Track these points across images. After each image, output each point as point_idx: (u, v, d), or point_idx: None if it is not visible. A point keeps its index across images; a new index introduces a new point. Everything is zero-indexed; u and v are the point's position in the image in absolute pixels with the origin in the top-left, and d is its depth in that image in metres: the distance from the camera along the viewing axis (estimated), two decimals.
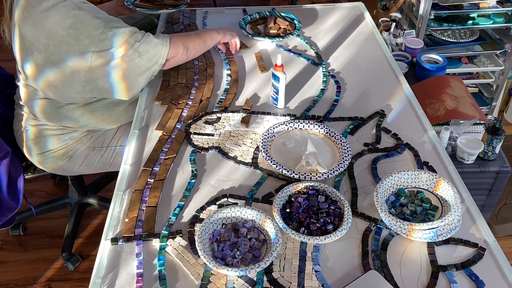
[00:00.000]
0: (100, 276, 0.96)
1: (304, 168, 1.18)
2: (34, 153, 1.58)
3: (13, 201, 1.55)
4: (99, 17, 1.35)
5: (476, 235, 1.03)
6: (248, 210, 1.04)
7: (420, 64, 1.96)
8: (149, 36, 1.41)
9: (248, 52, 1.71)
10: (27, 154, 1.59)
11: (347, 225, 1.01)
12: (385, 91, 1.49)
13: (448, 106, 1.72)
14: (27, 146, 1.57)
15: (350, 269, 0.97)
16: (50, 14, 1.32)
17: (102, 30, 1.33)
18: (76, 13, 1.32)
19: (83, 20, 1.32)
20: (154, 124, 1.36)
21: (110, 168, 1.68)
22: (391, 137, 1.31)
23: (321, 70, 1.60)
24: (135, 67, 1.39)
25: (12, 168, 1.53)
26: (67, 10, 1.32)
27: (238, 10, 1.99)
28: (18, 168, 1.58)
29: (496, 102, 2.54)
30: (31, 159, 1.60)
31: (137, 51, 1.37)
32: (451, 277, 0.94)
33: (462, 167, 1.67)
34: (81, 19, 1.32)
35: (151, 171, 1.20)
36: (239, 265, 0.96)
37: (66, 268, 1.91)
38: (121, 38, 1.35)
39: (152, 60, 1.41)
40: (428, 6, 2.20)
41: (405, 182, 1.11)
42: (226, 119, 1.37)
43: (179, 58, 1.50)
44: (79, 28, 1.32)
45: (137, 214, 1.08)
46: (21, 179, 1.58)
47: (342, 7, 2.01)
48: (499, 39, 2.42)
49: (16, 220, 2.01)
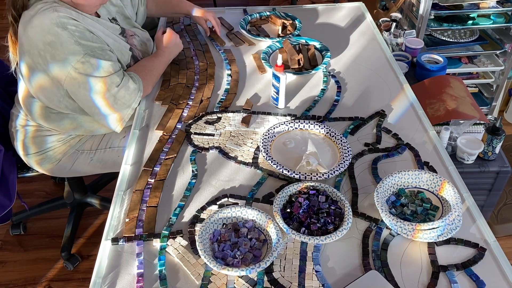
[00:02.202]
0: (101, 276, 0.96)
1: (304, 168, 1.18)
2: (29, 153, 1.57)
3: (6, 198, 1.55)
4: (81, 43, 1.28)
5: (477, 235, 1.03)
6: (248, 210, 1.04)
7: (420, 64, 1.96)
8: (128, 81, 1.37)
9: (248, 51, 1.71)
10: (21, 153, 1.58)
11: (348, 225, 1.01)
12: (385, 91, 1.49)
13: (448, 106, 1.72)
14: (23, 146, 1.56)
15: (350, 269, 0.97)
16: (33, 22, 1.27)
17: (80, 58, 1.28)
18: (59, 32, 1.26)
19: (62, 42, 1.26)
20: (154, 124, 1.36)
21: (104, 169, 1.65)
22: (392, 137, 1.31)
23: (322, 70, 1.60)
24: (109, 106, 1.37)
25: (5, 166, 1.54)
26: (50, 24, 1.25)
27: (238, 10, 1.99)
28: (11, 166, 1.58)
29: (496, 102, 2.55)
30: (25, 158, 1.59)
31: (114, 96, 1.34)
32: (451, 277, 0.94)
33: (462, 167, 1.67)
34: (61, 40, 1.26)
35: (152, 171, 1.20)
36: (239, 265, 0.96)
37: (66, 268, 1.90)
38: (101, 72, 1.31)
39: (125, 104, 1.38)
40: (428, 6, 2.20)
41: (405, 182, 1.11)
42: (227, 119, 1.37)
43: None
44: (57, 48, 1.27)
45: (137, 214, 1.08)
46: (14, 177, 1.58)
47: (343, 7, 2.01)
48: (499, 39, 2.42)
49: (14, 218, 2.03)
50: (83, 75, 1.30)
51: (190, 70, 1.60)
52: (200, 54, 1.69)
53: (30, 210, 2.03)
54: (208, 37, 1.81)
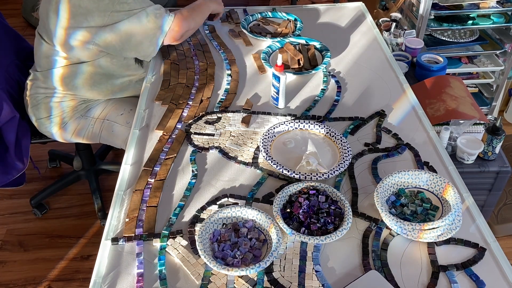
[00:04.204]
0: (101, 276, 0.96)
1: (304, 168, 1.18)
2: (38, 118, 1.72)
3: (19, 162, 1.72)
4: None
5: (477, 235, 1.04)
6: (248, 210, 1.04)
7: (420, 64, 1.96)
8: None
9: (249, 51, 1.71)
10: (33, 119, 1.73)
11: (348, 225, 1.01)
12: (385, 91, 1.49)
13: (448, 106, 1.72)
14: (34, 111, 1.71)
15: (350, 269, 0.97)
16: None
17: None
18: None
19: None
20: (154, 124, 1.36)
21: (100, 140, 1.77)
22: (392, 137, 1.31)
23: (322, 70, 1.60)
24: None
25: (19, 131, 1.70)
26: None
27: (238, 10, 1.99)
28: (26, 132, 1.75)
29: (496, 102, 2.55)
30: (35, 123, 1.75)
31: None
32: (451, 277, 0.94)
33: (462, 167, 1.67)
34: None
35: (152, 171, 1.20)
36: (239, 265, 0.96)
37: (101, 225, 2.01)
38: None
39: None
40: (428, 6, 2.20)
41: (405, 182, 1.11)
42: (227, 119, 1.37)
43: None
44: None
45: (137, 214, 1.08)
46: (27, 143, 1.75)
47: (343, 7, 2.01)
48: (499, 39, 2.42)
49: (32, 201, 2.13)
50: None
51: (190, 70, 1.60)
52: (200, 54, 1.69)
53: (47, 190, 2.15)
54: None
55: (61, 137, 1.78)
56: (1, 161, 1.71)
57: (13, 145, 1.69)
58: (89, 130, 1.75)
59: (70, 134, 1.76)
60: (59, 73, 1.62)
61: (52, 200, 2.21)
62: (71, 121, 1.73)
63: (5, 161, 1.72)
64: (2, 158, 1.71)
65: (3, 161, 1.71)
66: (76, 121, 1.74)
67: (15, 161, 1.71)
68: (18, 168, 1.73)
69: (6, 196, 2.23)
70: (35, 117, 1.72)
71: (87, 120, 1.74)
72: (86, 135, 1.76)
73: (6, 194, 2.24)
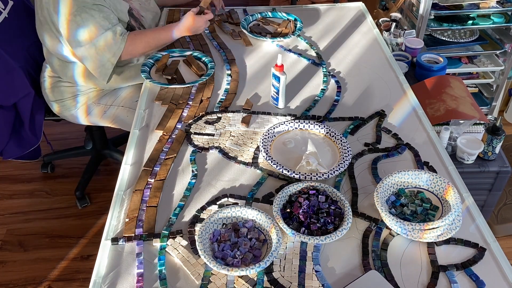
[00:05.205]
0: (101, 276, 0.96)
1: (304, 168, 1.18)
2: (51, 100, 1.80)
3: (34, 136, 1.84)
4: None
5: (476, 235, 1.04)
6: (248, 210, 1.04)
7: (420, 64, 1.96)
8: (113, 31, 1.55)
9: (249, 51, 1.71)
10: (47, 99, 1.82)
11: (348, 225, 1.01)
12: (385, 91, 1.49)
13: (448, 106, 1.72)
14: (48, 93, 1.80)
15: (350, 269, 0.97)
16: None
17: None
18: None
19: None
20: (154, 124, 1.36)
21: (115, 124, 1.84)
22: (392, 137, 1.31)
23: (322, 70, 1.60)
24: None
25: (34, 107, 1.80)
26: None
27: (238, 10, 1.99)
28: (40, 109, 1.85)
29: (496, 102, 2.54)
30: (49, 104, 1.84)
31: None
32: (451, 277, 0.94)
33: (462, 167, 1.67)
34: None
35: (152, 171, 1.20)
36: (239, 265, 0.96)
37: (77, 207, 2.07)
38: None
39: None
40: (428, 6, 2.20)
41: (405, 182, 1.11)
42: (227, 119, 1.37)
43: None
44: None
45: (137, 214, 1.08)
46: (41, 119, 1.86)
47: (343, 7, 2.01)
48: (499, 39, 2.42)
49: (45, 158, 2.32)
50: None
51: None
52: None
53: (56, 154, 2.34)
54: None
55: (87, 120, 1.86)
56: (17, 135, 1.82)
57: (28, 120, 1.78)
58: (112, 113, 1.81)
59: (96, 117, 1.84)
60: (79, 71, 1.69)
61: (52, 200, 2.21)
62: (82, 107, 1.81)
63: (20, 135, 1.83)
64: (18, 132, 1.82)
65: (18, 135, 1.83)
66: (101, 104, 1.81)
67: (29, 135, 1.82)
68: (32, 143, 1.84)
69: (6, 196, 2.23)
70: (57, 104, 1.80)
71: (99, 106, 1.81)
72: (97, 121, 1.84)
73: (6, 194, 2.24)
